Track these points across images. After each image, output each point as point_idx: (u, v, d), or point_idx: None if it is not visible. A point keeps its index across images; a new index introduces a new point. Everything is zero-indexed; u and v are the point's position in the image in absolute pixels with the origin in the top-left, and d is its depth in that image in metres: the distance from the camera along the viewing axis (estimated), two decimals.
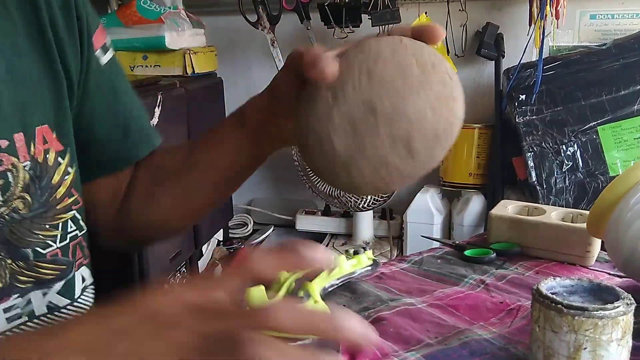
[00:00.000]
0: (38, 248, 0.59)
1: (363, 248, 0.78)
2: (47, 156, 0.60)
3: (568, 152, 1.69)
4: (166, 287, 0.39)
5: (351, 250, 0.78)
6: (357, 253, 0.77)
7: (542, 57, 1.71)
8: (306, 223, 2.13)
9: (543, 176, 1.70)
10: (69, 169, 0.62)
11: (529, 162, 1.71)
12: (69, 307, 0.64)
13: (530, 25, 1.75)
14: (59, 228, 0.61)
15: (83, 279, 0.66)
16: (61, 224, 0.62)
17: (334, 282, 0.73)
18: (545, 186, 1.70)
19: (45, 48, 0.60)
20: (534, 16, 1.72)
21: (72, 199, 0.63)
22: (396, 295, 0.73)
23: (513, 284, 0.76)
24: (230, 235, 2.26)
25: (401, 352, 0.59)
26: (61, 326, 0.41)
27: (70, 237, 0.63)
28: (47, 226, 0.60)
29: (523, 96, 1.74)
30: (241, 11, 1.78)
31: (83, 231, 0.65)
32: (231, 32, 2.09)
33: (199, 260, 1.98)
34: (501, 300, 0.71)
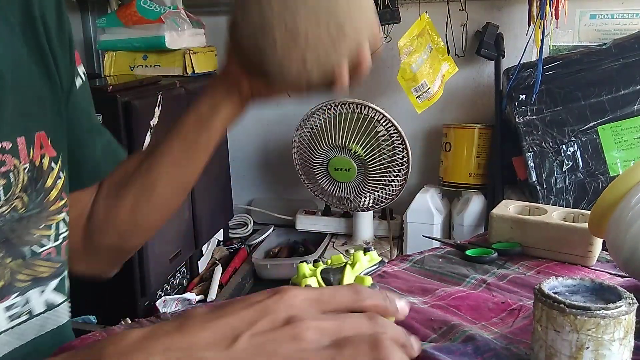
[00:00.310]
0: (34, 247, 0.62)
1: (366, 249, 0.78)
2: (43, 161, 0.63)
3: (568, 152, 1.69)
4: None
5: (351, 250, 0.79)
6: (368, 250, 0.77)
7: (542, 57, 1.71)
8: (306, 223, 2.13)
9: (543, 176, 1.71)
10: (61, 174, 0.65)
11: (529, 162, 1.71)
12: (65, 304, 0.66)
13: (530, 25, 1.75)
14: (52, 228, 0.64)
15: (67, 278, 0.68)
16: (54, 225, 0.64)
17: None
18: (545, 186, 1.70)
19: (43, 60, 0.63)
20: (534, 16, 1.72)
21: (63, 202, 0.66)
22: (398, 294, 0.73)
23: (515, 284, 0.76)
24: (230, 235, 2.26)
25: None
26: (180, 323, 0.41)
27: (62, 238, 0.65)
28: (42, 226, 0.63)
29: (523, 96, 1.74)
30: None
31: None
32: None
33: (199, 260, 1.98)
34: (503, 300, 0.71)
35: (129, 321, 1.35)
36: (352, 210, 1.98)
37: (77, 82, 0.70)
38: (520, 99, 1.74)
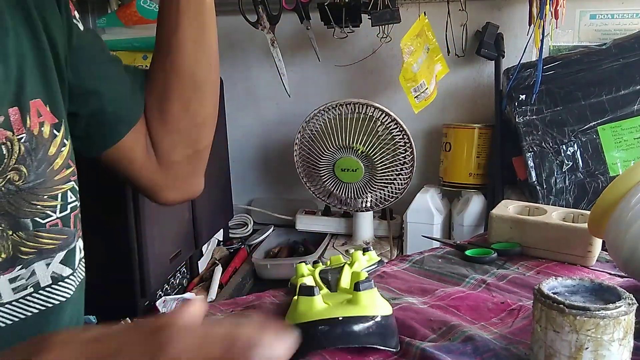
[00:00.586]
0: (37, 218, 0.61)
1: (365, 248, 0.78)
2: (43, 129, 0.61)
3: (568, 152, 1.69)
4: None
5: (351, 250, 0.79)
6: (367, 250, 0.77)
7: (542, 57, 1.71)
8: (306, 223, 2.13)
9: (543, 176, 1.70)
10: (65, 141, 0.64)
11: (529, 162, 1.71)
12: (72, 277, 0.66)
13: (530, 25, 1.75)
14: (58, 199, 0.63)
15: (80, 250, 0.68)
16: (60, 195, 0.63)
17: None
18: (545, 186, 1.70)
19: (28, 22, 0.61)
20: (534, 16, 1.72)
21: (70, 170, 0.64)
22: (397, 294, 0.73)
23: (514, 284, 0.76)
24: (230, 235, 2.26)
25: (404, 344, 0.59)
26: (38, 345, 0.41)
27: (70, 208, 0.64)
28: (46, 197, 0.61)
29: (523, 96, 1.74)
30: (241, 11, 1.78)
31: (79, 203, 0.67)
32: (231, 32, 2.09)
33: (199, 260, 1.98)
34: (502, 300, 0.71)
35: (129, 321, 1.34)
36: (354, 210, 1.98)
37: (80, 26, 0.68)
38: (520, 99, 1.74)
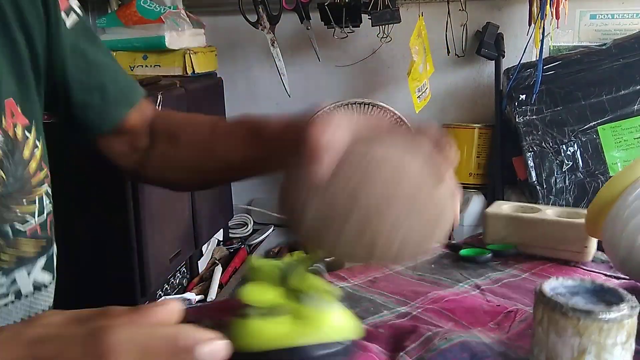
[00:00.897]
0: (17, 224, 0.60)
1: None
2: (16, 130, 0.60)
3: (568, 152, 1.69)
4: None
5: None
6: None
7: (542, 57, 1.71)
8: None
9: (543, 176, 1.70)
10: (37, 143, 0.63)
11: (529, 162, 1.71)
12: (53, 284, 0.65)
13: (530, 25, 1.74)
14: (36, 202, 0.62)
15: (57, 256, 0.67)
16: (37, 199, 0.62)
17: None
18: (545, 186, 1.70)
19: (1, 20, 0.59)
20: (534, 16, 1.71)
21: (43, 172, 0.63)
22: (389, 297, 0.72)
23: (509, 287, 0.75)
24: (230, 235, 2.26)
25: (397, 352, 0.59)
26: None
27: (46, 212, 0.64)
28: (24, 201, 0.61)
29: (523, 96, 1.74)
30: (241, 11, 1.78)
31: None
32: (231, 32, 2.08)
33: (199, 260, 1.98)
34: (498, 302, 0.70)
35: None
36: None
37: (68, 23, 0.66)
38: (520, 99, 1.74)
